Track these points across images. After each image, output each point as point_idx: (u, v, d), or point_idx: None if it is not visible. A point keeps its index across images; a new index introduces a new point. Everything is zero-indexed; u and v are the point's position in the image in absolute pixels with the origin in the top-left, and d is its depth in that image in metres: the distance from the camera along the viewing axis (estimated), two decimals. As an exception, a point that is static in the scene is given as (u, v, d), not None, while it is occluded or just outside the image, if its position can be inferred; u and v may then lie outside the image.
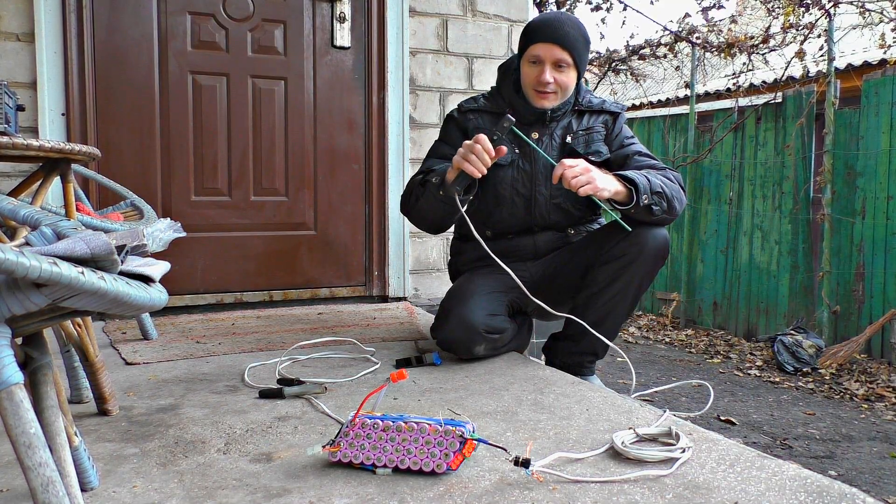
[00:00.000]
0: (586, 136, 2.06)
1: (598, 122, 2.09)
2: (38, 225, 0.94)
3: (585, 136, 2.06)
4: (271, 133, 2.92)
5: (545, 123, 2.04)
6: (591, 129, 2.07)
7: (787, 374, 4.59)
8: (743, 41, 6.44)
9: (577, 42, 1.94)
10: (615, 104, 2.13)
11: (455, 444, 1.18)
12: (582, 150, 2.03)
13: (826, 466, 2.98)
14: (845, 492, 1.13)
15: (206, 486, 1.16)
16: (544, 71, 1.94)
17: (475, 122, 2.07)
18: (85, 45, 2.59)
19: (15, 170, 2.50)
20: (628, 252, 1.90)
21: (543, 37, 1.93)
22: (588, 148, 2.05)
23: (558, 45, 1.92)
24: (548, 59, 1.94)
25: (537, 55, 1.95)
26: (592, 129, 2.07)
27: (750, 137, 5.86)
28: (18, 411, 0.76)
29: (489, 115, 2.07)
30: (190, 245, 2.73)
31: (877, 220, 4.84)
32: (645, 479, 1.18)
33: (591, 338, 1.93)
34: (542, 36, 1.94)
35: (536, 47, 1.95)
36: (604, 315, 1.94)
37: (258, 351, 2.13)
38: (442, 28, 3.14)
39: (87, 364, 1.47)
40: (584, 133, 2.06)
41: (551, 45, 1.92)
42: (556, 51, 1.92)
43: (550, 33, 1.93)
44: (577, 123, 2.07)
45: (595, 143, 2.07)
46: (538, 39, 1.94)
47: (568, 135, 2.05)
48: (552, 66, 1.94)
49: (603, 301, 1.94)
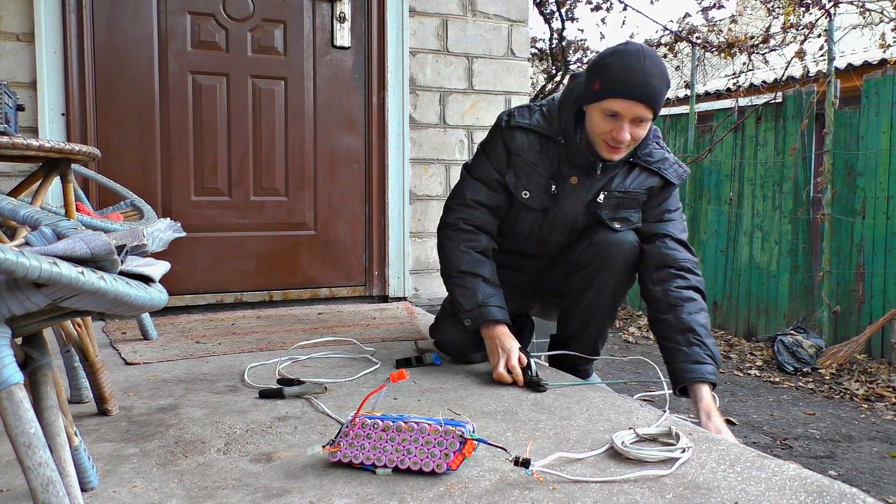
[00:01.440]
0: (621, 199, 1.87)
1: (643, 184, 1.88)
2: (38, 225, 0.94)
3: (620, 198, 1.87)
4: (271, 133, 2.92)
5: (592, 172, 1.85)
6: (629, 192, 1.87)
7: (787, 374, 4.59)
8: (743, 41, 6.44)
9: (662, 94, 1.70)
10: (675, 167, 1.89)
11: (455, 444, 1.18)
12: (608, 215, 1.88)
13: (826, 466, 2.98)
14: (845, 492, 1.13)
15: (206, 486, 1.16)
16: (622, 129, 1.70)
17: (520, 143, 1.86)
18: (85, 45, 2.59)
19: (15, 170, 2.50)
20: (594, 261, 1.87)
21: (628, 93, 1.66)
22: (616, 213, 1.88)
23: (644, 103, 1.67)
24: (628, 116, 1.69)
25: (616, 111, 1.69)
26: (631, 195, 1.87)
27: (750, 137, 5.86)
28: (18, 411, 0.76)
29: (538, 137, 1.86)
30: (190, 245, 2.73)
31: (877, 220, 4.84)
32: (645, 479, 1.18)
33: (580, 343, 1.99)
34: (625, 91, 1.66)
35: (616, 102, 1.68)
36: (585, 321, 1.96)
37: (258, 351, 2.13)
38: (442, 28, 3.14)
39: (87, 364, 1.47)
40: (620, 195, 1.87)
41: (636, 104, 1.67)
42: (640, 109, 1.68)
43: (637, 91, 1.66)
44: (621, 178, 1.87)
45: (625, 209, 1.88)
46: (621, 94, 1.67)
47: (603, 191, 1.86)
48: (631, 122, 1.71)
49: (581, 308, 1.94)
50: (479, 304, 1.81)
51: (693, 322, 1.77)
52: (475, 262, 1.87)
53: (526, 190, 1.89)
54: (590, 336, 1.98)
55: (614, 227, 1.87)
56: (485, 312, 1.80)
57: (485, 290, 1.83)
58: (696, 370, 1.73)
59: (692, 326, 1.77)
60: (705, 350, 1.75)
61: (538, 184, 1.88)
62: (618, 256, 1.86)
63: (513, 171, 1.89)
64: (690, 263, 1.86)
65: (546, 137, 1.86)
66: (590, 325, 1.96)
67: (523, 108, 1.92)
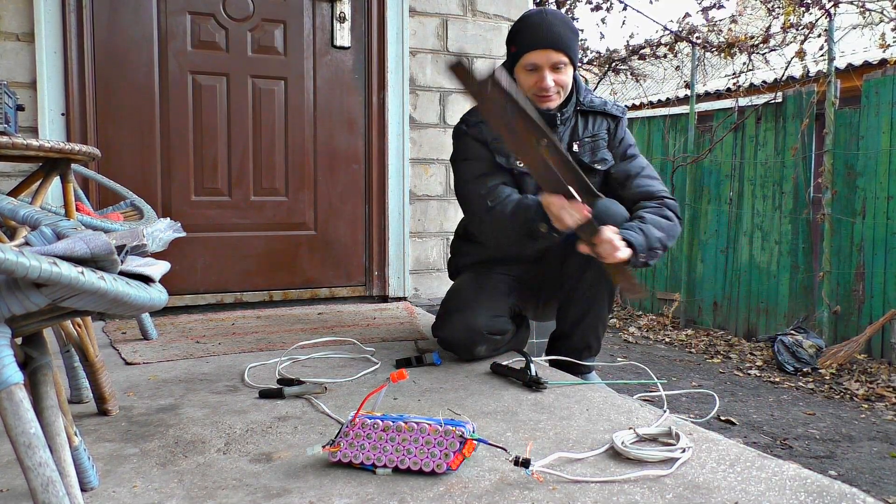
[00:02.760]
0: (592, 142, 2.04)
1: (601, 126, 2.06)
2: (37, 225, 0.94)
3: (591, 142, 2.04)
4: (271, 133, 2.92)
5: (554, 127, 1.98)
6: (595, 135, 2.04)
7: (788, 374, 4.59)
8: (743, 41, 6.44)
9: (570, 39, 1.90)
10: (616, 106, 2.10)
11: (455, 444, 1.18)
12: (588, 160, 2.02)
13: (826, 466, 2.98)
14: (845, 492, 1.13)
15: (206, 486, 1.16)
16: (544, 77, 1.90)
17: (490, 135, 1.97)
18: (85, 45, 2.59)
19: (15, 170, 2.50)
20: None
21: (537, 43, 1.88)
22: (594, 156, 2.03)
23: (553, 48, 1.88)
24: (545, 64, 1.89)
25: (534, 62, 1.90)
26: (597, 136, 2.04)
27: (750, 137, 5.86)
28: (18, 411, 0.76)
29: None
30: (190, 245, 2.73)
31: (877, 220, 4.84)
32: (645, 479, 1.18)
33: (582, 331, 2.00)
34: (535, 42, 1.88)
35: (531, 55, 1.89)
36: (586, 307, 1.97)
37: (258, 351, 2.13)
38: (442, 28, 3.14)
39: (87, 364, 1.47)
40: (590, 140, 2.04)
41: (547, 51, 1.88)
42: (553, 55, 1.88)
43: (544, 39, 1.88)
44: (582, 126, 2.04)
45: (600, 150, 2.04)
46: (532, 47, 1.89)
47: (574, 141, 2.02)
48: (550, 69, 1.90)
49: (581, 292, 1.96)
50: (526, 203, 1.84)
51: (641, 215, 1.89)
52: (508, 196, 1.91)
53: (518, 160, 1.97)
54: (591, 321, 1.99)
55: (596, 169, 2.01)
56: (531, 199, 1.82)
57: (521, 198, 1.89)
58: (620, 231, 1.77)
59: (640, 216, 1.90)
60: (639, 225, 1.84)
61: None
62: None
63: (499, 154, 1.98)
64: (666, 194, 2.01)
65: None
66: (591, 310, 1.97)
67: (469, 111, 2.09)
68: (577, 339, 2.01)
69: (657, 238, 1.85)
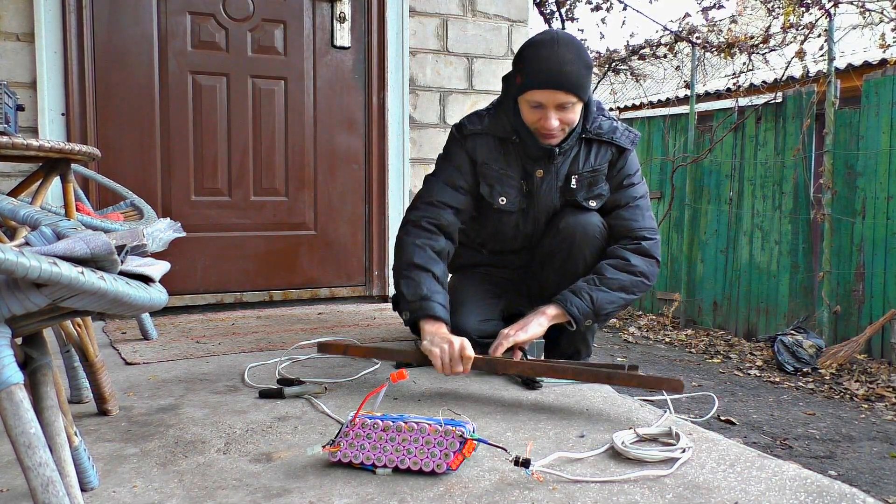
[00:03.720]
0: (591, 177, 1.91)
1: (604, 158, 1.91)
2: (37, 225, 0.94)
3: (590, 177, 1.91)
4: (271, 133, 2.92)
5: (551, 160, 1.88)
6: (596, 170, 1.91)
7: (787, 374, 4.59)
8: (743, 41, 6.44)
9: (581, 77, 1.74)
10: (626, 134, 1.92)
11: (455, 444, 1.18)
12: (583, 197, 1.91)
13: (826, 466, 2.98)
14: (845, 492, 1.13)
15: (206, 486, 1.16)
16: (549, 117, 1.76)
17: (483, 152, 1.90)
18: (85, 45, 2.59)
19: (15, 170, 2.50)
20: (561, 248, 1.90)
21: (543, 83, 1.72)
22: (590, 192, 1.91)
23: (561, 90, 1.72)
24: (550, 104, 1.75)
25: (539, 101, 1.75)
26: (597, 171, 1.91)
27: (750, 137, 5.87)
28: (18, 411, 0.76)
29: (494, 140, 1.90)
30: (190, 245, 2.73)
31: (877, 220, 4.84)
32: (645, 479, 1.18)
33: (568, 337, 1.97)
34: (541, 82, 1.73)
35: (536, 94, 1.74)
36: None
37: (258, 351, 2.13)
38: (442, 28, 3.14)
39: (87, 364, 1.47)
40: (589, 174, 1.90)
41: (554, 92, 1.72)
42: (560, 96, 1.73)
43: (551, 79, 1.72)
44: (584, 157, 1.90)
45: (598, 184, 1.92)
46: (538, 86, 1.73)
47: (574, 174, 1.89)
48: (556, 109, 1.76)
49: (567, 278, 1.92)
50: (422, 296, 1.75)
51: (604, 268, 1.83)
52: (429, 259, 1.83)
53: (502, 196, 1.92)
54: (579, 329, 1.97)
55: (590, 206, 1.91)
56: (427, 306, 1.74)
57: (431, 285, 1.78)
58: (565, 294, 1.79)
59: (601, 271, 1.83)
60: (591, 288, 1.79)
61: (512, 187, 1.91)
62: (584, 241, 1.88)
63: (484, 182, 1.92)
64: (647, 231, 1.90)
65: (503, 139, 1.90)
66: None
67: (472, 115, 1.97)
68: (566, 345, 2.00)
69: (608, 301, 1.79)
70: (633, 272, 1.83)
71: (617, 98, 8.93)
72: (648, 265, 1.86)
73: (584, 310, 1.77)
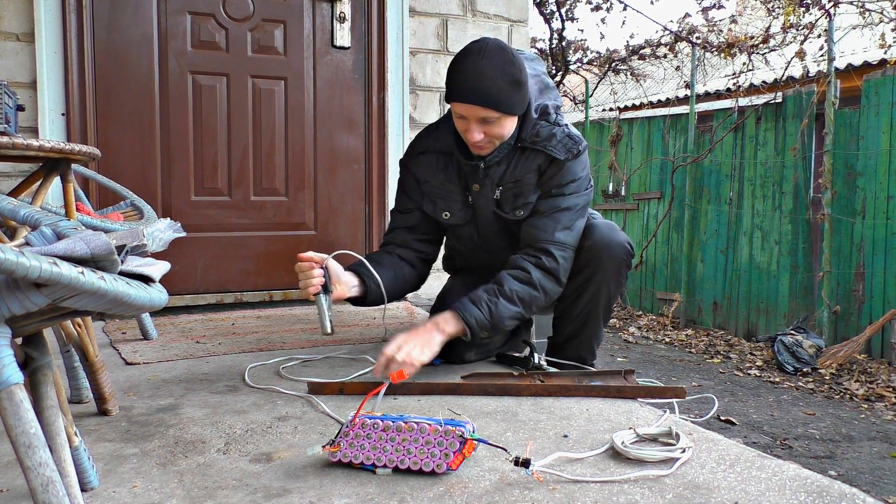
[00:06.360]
0: (514, 187, 1.84)
1: (531, 166, 1.82)
2: (38, 225, 0.94)
3: (514, 187, 1.84)
4: (271, 133, 2.92)
5: (486, 171, 1.84)
6: (519, 180, 1.84)
7: (787, 374, 4.59)
8: (743, 41, 6.45)
9: (501, 94, 1.67)
10: (563, 142, 1.81)
11: (455, 444, 1.18)
12: (509, 209, 1.86)
13: (826, 466, 2.98)
14: (845, 492, 1.13)
15: (206, 486, 1.16)
16: (472, 130, 1.72)
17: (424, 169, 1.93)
18: (85, 45, 2.59)
19: (15, 170, 2.50)
20: (587, 267, 1.86)
21: (461, 96, 1.69)
22: (515, 202, 1.85)
23: (480, 105, 1.67)
24: (472, 118, 1.71)
25: (460, 113, 1.72)
26: (521, 181, 1.84)
27: (750, 137, 5.87)
28: (18, 411, 0.76)
29: (436, 156, 1.91)
30: (190, 245, 2.73)
31: (877, 220, 4.84)
32: (645, 479, 1.18)
33: (575, 346, 1.99)
34: (459, 95, 1.69)
35: (458, 106, 1.71)
36: (580, 326, 1.96)
37: (258, 351, 2.13)
38: (442, 28, 3.14)
39: (87, 364, 1.47)
40: (513, 185, 1.84)
41: (473, 107, 1.68)
42: (479, 111, 1.68)
43: (471, 94, 1.67)
44: (512, 168, 1.83)
45: (524, 194, 1.84)
46: (458, 98, 1.69)
47: (499, 187, 1.85)
48: (477, 123, 1.71)
49: (576, 314, 1.94)
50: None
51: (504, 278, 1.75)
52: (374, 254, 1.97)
53: (445, 211, 1.94)
54: (586, 337, 1.99)
55: (517, 217, 1.85)
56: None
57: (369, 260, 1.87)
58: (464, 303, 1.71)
59: (501, 281, 1.74)
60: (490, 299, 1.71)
61: (455, 201, 1.93)
62: (610, 261, 1.87)
63: (428, 199, 1.96)
64: (554, 246, 1.78)
65: (446, 153, 1.91)
66: (586, 327, 1.97)
67: (423, 131, 1.99)
68: (571, 352, 2.01)
69: (506, 316, 1.72)
70: (534, 283, 1.75)
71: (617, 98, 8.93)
72: (548, 281, 1.78)
73: (482, 321, 1.70)
